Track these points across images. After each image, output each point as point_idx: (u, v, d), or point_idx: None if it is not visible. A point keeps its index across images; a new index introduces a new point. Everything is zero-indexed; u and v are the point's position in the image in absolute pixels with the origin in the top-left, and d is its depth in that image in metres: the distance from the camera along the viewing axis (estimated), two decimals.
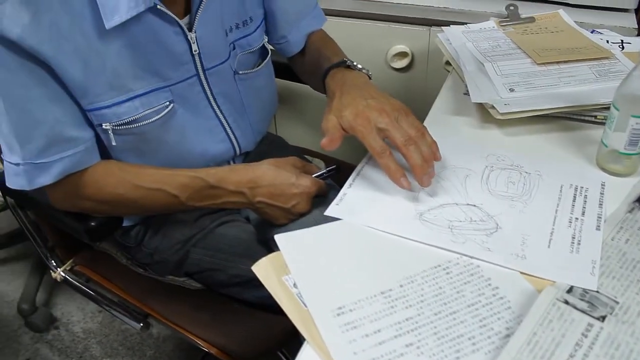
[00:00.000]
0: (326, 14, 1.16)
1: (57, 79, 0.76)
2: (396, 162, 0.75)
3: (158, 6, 0.77)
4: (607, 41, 1.09)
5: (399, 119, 0.77)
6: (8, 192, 1.06)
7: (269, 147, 1.11)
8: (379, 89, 0.84)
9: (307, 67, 1.05)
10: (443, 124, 0.94)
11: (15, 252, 1.95)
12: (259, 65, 1.00)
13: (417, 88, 1.43)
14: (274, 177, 0.86)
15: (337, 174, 0.93)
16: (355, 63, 0.93)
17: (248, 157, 1.06)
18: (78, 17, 0.73)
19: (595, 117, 0.92)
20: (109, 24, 0.74)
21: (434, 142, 0.79)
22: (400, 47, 1.38)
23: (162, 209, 0.90)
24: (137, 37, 0.78)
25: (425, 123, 0.92)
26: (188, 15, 0.84)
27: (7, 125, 0.76)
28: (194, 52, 0.86)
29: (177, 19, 0.81)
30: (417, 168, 0.74)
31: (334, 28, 1.08)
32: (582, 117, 0.92)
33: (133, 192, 0.86)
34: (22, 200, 1.07)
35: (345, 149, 0.95)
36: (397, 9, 1.35)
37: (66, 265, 1.16)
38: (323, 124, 0.80)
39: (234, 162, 1.03)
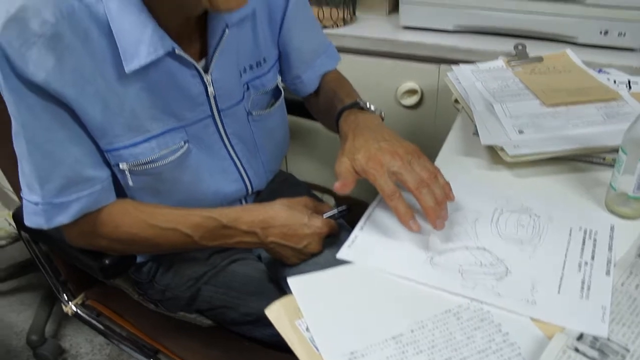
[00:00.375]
0: (338, 52, 1.18)
1: (77, 120, 0.78)
2: (406, 205, 0.76)
3: (176, 51, 0.79)
4: (615, 81, 1.11)
5: (411, 162, 0.79)
6: (23, 225, 1.08)
7: (281, 185, 1.12)
8: (391, 131, 0.86)
9: (321, 107, 1.07)
10: (453, 165, 0.95)
11: (25, 282, 1.97)
12: (272, 105, 1.02)
13: (426, 125, 1.44)
14: (286, 218, 0.88)
15: (349, 214, 0.94)
16: (368, 104, 0.94)
17: (260, 195, 1.08)
18: (100, 61, 0.76)
19: (604, 159, 0.93)
20: (129, 67, 0.76)
21: (447, 183, 0.80)
22: (410, 85, 1.40)
23: (176, 247, 0.91)
24: (154, 80, 0.81)
25: (436, 164, 0.94)
26: (204, 58, 0.86)
27: (29, 165, 0.78)
28: (209, 94, 0.88)
29: (194, 62, 0.83)
30: (430, 211, 0.75)
31: (345, 65, 1.10)
32: (591, 159, 0.93)
33: (148, 232, 0.87)
34: (36, 234, 1.09)
35: (356, 187, 0.97)
36: (406, 47, 1.38)
37: (78, 299, 1.17)
38: (336, 166, 0.81)
39: (246, 201, 1.04)
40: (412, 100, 1.42)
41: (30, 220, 0.83)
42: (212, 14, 0.83)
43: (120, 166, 0.84)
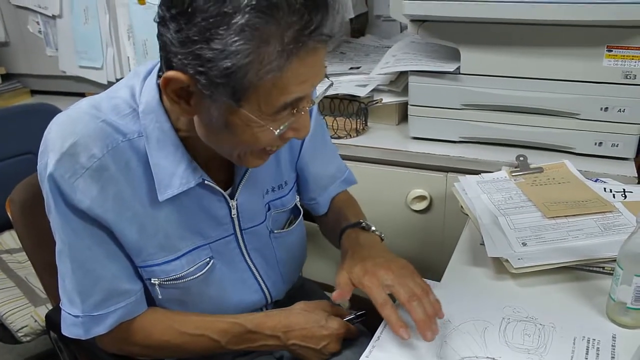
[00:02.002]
0: (350, 160, 1.27)
1: (115, 240, 0.86)
2: (397, 314, 0.84)
3: (205, 181, 0.88)
4: (611, 190, 1.19)
5: (405, 277, 0.88)
6: (52, 325, 1.13)
7: (298, 290, 1.19)
8: (388, 250, 0.98)
9: (329, 226, 1.15)
10: (462, 275, 1.02)
11: None
12: (292, 223, 1.09)
13: (435, 228, 1.52)
14: (306, 321, 0.96)
15: (366, 319, 1.01)
16: (369, 224, 1.05)
17: (279, 302, 1.14)
18: (137, 188, 0.85)
19: (603, 267, 0.99)
20: (162, 197, 0.85)
21: (437, 301, 0.87)
22: (419, 191, 1.49)
23: (204, 352, 0.97)
24: (184, 204, 0.89)
25: (445, 274, 1.01)
26: (231, 187, 0.95)
27: (71, 282, 0.86)
28: (232, 216, 0.96)
29: (222, 191, 0.91)
30: (421, 323, 0.82)
31: (357, 172, 1.19)
32: (591, 268, 1.00)
33: (178, 338, 0.94)
34: (68, 338, 1.14)
35: None
36: (416, 157, 1.47)
37: None
38: (336, 278, 0.91)
39: (267, 309, 1.10)
40: (421, 205, 1.51)
41: (69, 331, 0.89)
42: None
43: (152, 280, 0.92)
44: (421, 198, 1.50)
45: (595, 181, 1.24)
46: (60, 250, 0.86)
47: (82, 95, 2.27)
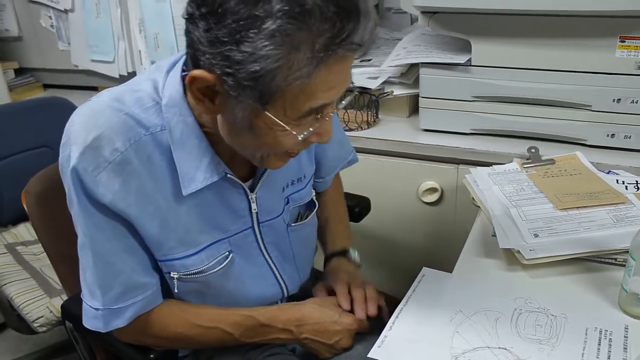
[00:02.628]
0: (362, 152, 1.26)
1: (135, 234, 0.87)
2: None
3: (228, 175, 0.89)
4: (623, 182, 1.19)
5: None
6: (68, 315, 1.15)
7: (311, 284, 1.19)
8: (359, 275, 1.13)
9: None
10: (474, 266, 1.02)
11: None
12: (308, 216, 1.09)
13: (446, 220, 1.52)
14: (319, 316, 0.98)
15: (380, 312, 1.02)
16: (351, 254, 1.16)
17: (294, 296, 1.14)
18: (160, 182, 0.85)
19: (616, 259, 0.99)
20: (186, 191, 0.85)
21: (374, 306, 1.02)
22: (430, 183, 1.49)
23: (217, 344, 0.98)
24: (205, 198, 0.89)
25: (457, 265, 1.01)
26: (252, 179, 0.95)
27: (92, 275, 0.87)
28: (252, 210, 0.96)
29: (243, 184, 0.92)
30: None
31: (369, 164, 1.19)
32: (603, 260, 1.00)
33: (192, 330, 0.95)
34: (82, 325, 1.15)
35: (388, 283, 1.05)
36: (427, 149, 1.47)
37: None
38: (313, 289, 1.10)
39: (282, 302, 1.10)
40: (432, 197, 1.51)
41: (89, 323, 0.90)
42: None
43: (171, 274, 0.92)
44: (432, 190, 1.50)
45: (608, 173, 1.24)
46: (82, 244, 0.86)
47: (95, 89, 2.28)
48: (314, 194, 1.10)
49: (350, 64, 0.75)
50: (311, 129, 0.77)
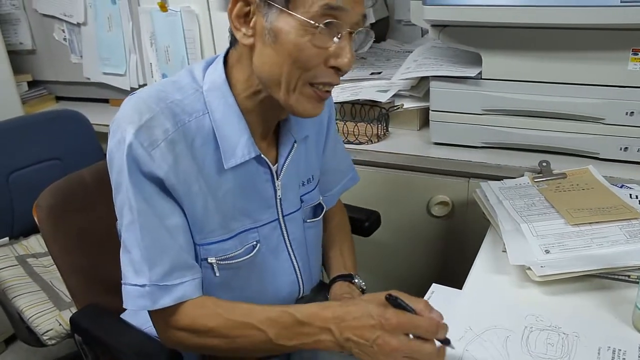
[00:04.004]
0: (371, 165, 1.26)
1: (182, 214, 0.90)
2: None
3: (262, 155, 0.95)
4: (637, 197, 1.17)
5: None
6: (76, 328, 1.15)
7: (322, 286, 1.20)
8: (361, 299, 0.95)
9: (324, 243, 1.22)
10: (484, 282, 1.01)
11: None
12: (318, 216, 1.13)
13: (457, 235, 1.51)
14: (358, 310, 0.80)
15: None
16: (356, 279, 1.13)
17: (304, 297, 1.12)
18: (200, 166, 0.90)
19: (629, 276, 0.98)
20: (228, 165, 0.91)
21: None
22: (441, 197, 1.48)
23: (252, 348, 0.89)
24: (239, 182, 0.95)
25: (467, 282, 1.00)
26: (276, 165, 1.00)
27: (139, 251, 0.87)
28: (278, 198, 1.00)
29: (270, 165, 0.97)
30: None
31: (379, 178, 1.19)
32: (616, 277, 0.98)
33: (223, 326, 0.88)
34: (89, 337, 1.15)
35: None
36: (437, 163, 1.47)
37: None
38: None
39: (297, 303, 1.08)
40: (443, 211, 1.50)
41: (133, 303, 0.88)
42: (284, 130, 1.00)
43: (209, 260, 0.95)
44: (443, 204, 1.49)
45: (621, 187, 1.22)
46: (129, 221, 0.87)
47: (106, 101, 2.30)
48: (321, 197, 1.14)
49: None
50: (328, 43, 0.83)
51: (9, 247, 1.80)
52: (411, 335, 0.76)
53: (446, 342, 0.76)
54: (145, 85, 2.12)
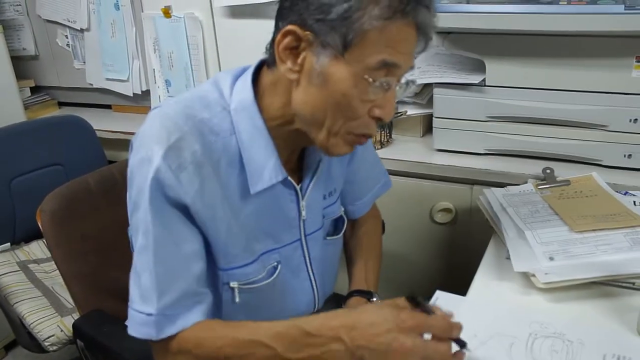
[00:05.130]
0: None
1: (202, 241, 0.87)
2: None
3: (288, 177, 0.92)
4: None
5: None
6: (79, 333, 1.14)
7: (333, 297, 1.18)
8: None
9: (348, 247, 1.20)
10: (488, 290, 1.01)
11: None
12: (339, 232, 1.11)
13: (460, 242, 1.51)
14: (373, 316, 0.77)
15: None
16: (375, 296, 1.10)
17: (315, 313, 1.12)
18: (225, 188, 0.87)
19: (634, 283, 0.97)
20: (254, 189, 0.88)
21: None
22: (444, 204, 1.48)
23: None
24: (264, 204, 0.92)
25: (471, 289, 1.00)
26: (300, 184, 0.97)
27: (149, 278, 0.83)
28: (302, 219, 0.98)
29: (296, 187, 0.95)
30: None
31: None
32: (620, 284, 0.98)
33: (230, 346, 0.84)
34: (92, 344, 1.14)
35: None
36: (440, 169, 1.47)
37: None
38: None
39: None
40: (446, 218, 1.50)
41: (138, 331, 0.85)
42: (309, 150, 0.98)
43: (231, 284, 0.93)
44: (446, 211, 1.49)
45: (625, 194, 1.22)
46: (143, 245, 0.84)
47: (109, 107, 2.31)
48: (342, 210, 1.11)
49: (414, 42, 0.81)
50: (376, 96, 0.81)
51: (10, 253, 1.80)
52: (425, 336, 0.75)
53: (462, 344, 0.75)
54: (148, 92, 2.12)
